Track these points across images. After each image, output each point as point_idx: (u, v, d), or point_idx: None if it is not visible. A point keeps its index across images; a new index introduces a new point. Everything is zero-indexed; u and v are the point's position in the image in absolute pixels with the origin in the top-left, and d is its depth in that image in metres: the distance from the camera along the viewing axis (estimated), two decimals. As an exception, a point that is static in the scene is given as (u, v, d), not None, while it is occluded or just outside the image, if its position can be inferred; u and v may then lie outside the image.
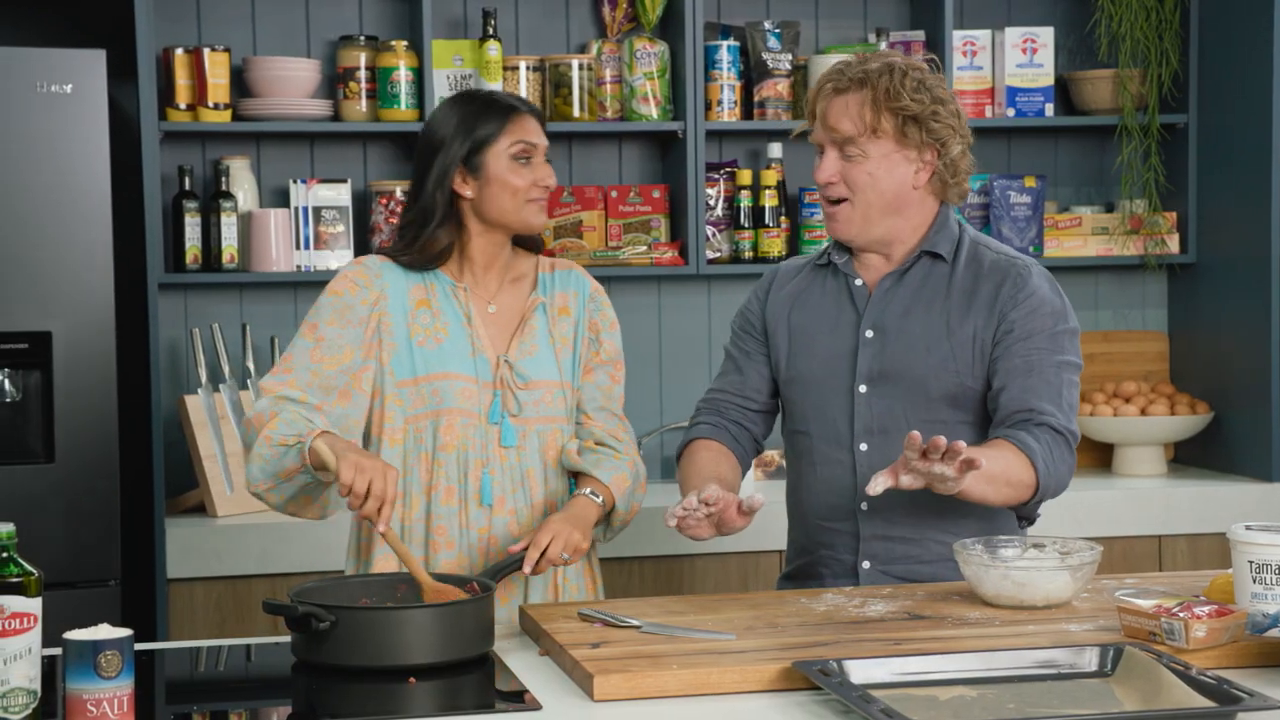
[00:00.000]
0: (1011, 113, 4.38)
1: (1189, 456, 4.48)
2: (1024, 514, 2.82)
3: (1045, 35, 4.39)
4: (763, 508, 2.65)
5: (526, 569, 2.65)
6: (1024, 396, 2.72)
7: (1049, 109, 4.40)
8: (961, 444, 2.46)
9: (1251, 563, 2.33)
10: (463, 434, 2.76)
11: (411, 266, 2.79)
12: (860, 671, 2.17)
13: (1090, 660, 2.22)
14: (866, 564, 2.79)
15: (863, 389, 2.80)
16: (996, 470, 2.60)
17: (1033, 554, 2.59)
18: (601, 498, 2.78)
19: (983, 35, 4.39)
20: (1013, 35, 4.37)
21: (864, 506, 2.80)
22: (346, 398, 2.73)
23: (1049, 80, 4.39)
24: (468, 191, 2.77)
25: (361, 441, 2.76)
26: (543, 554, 2.65)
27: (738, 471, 2.89)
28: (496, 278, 2.83)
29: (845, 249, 2.87)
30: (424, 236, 2.77)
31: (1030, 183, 4.38)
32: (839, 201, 2.79)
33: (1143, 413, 4.32)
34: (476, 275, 2.82)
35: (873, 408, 2.80)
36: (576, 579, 2.85)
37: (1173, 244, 4.44)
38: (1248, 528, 2.36)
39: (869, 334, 2.81)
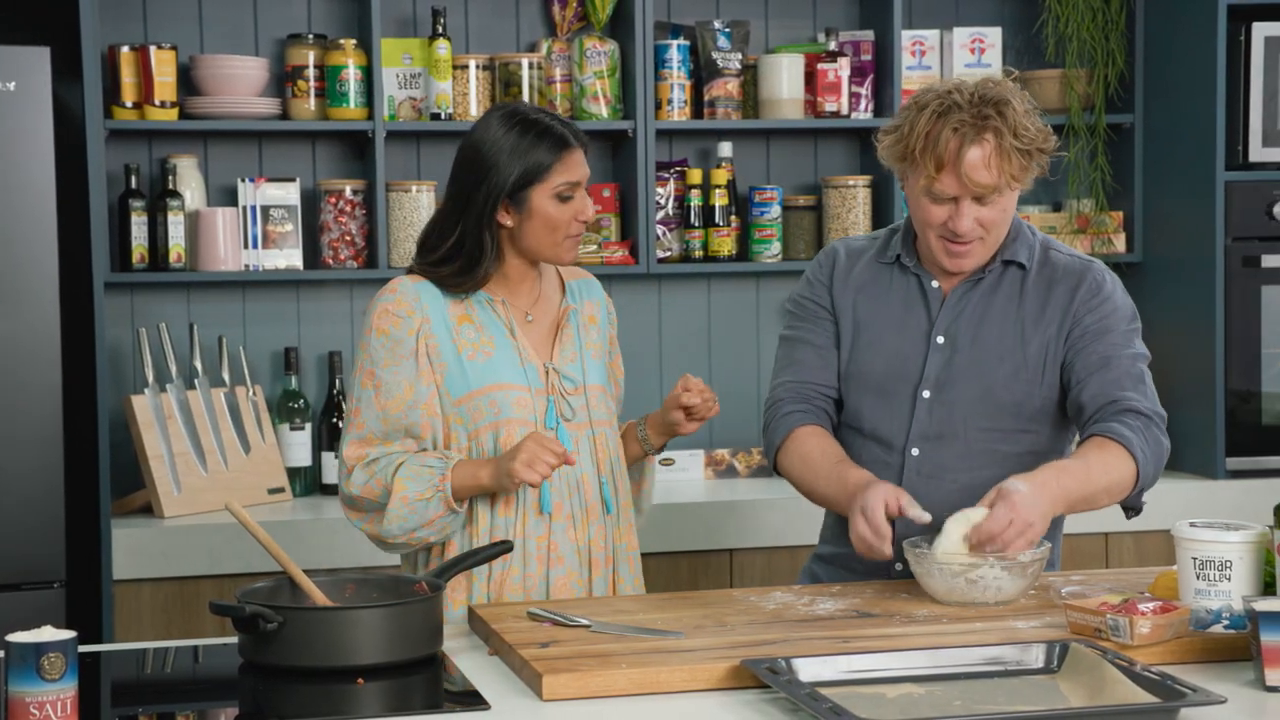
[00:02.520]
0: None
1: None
2: (1129, 504, 2.77)
3: (993, 35, 4.41)
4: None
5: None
6: (1106, 389, 2.72)
7: (997, 109, 4.41)
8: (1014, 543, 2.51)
9: (1195, 559, 2.35)
10: None
11: (458, 291, 2.79)
12: (808, 669, 2.17)
13: (1036, 657, 2.23)
14: (900, 565, 2.74)
15: (926, 394, 2.79)
16: (1066, 482, 2.61)
17: (975, 554, 2.60)
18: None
19: (931, 35, 4.41)
20: (961, 35, 4.39)
21: None
22: (429, 428, 2.76)
23: (997, 80, 4.41)
24: (507, 221, 2.76)
25: None
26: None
27: None
28: (530, 289, 2.84)
29: (914, 248, 2.84)
30: (478, 273, 2.77)
31: (978, 182, 4.39)
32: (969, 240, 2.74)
33: (1090, 411, 4.35)
34: (511, 288, 2.82)
35: (933, 414, 2.78)
36: (629, 579, 2.87)
37: (1119, 243, 4.47)
38: (1191, 525, 2.38)
39: (940, 340, 2.79)
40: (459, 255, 2.76)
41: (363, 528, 2.76)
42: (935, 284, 2.82)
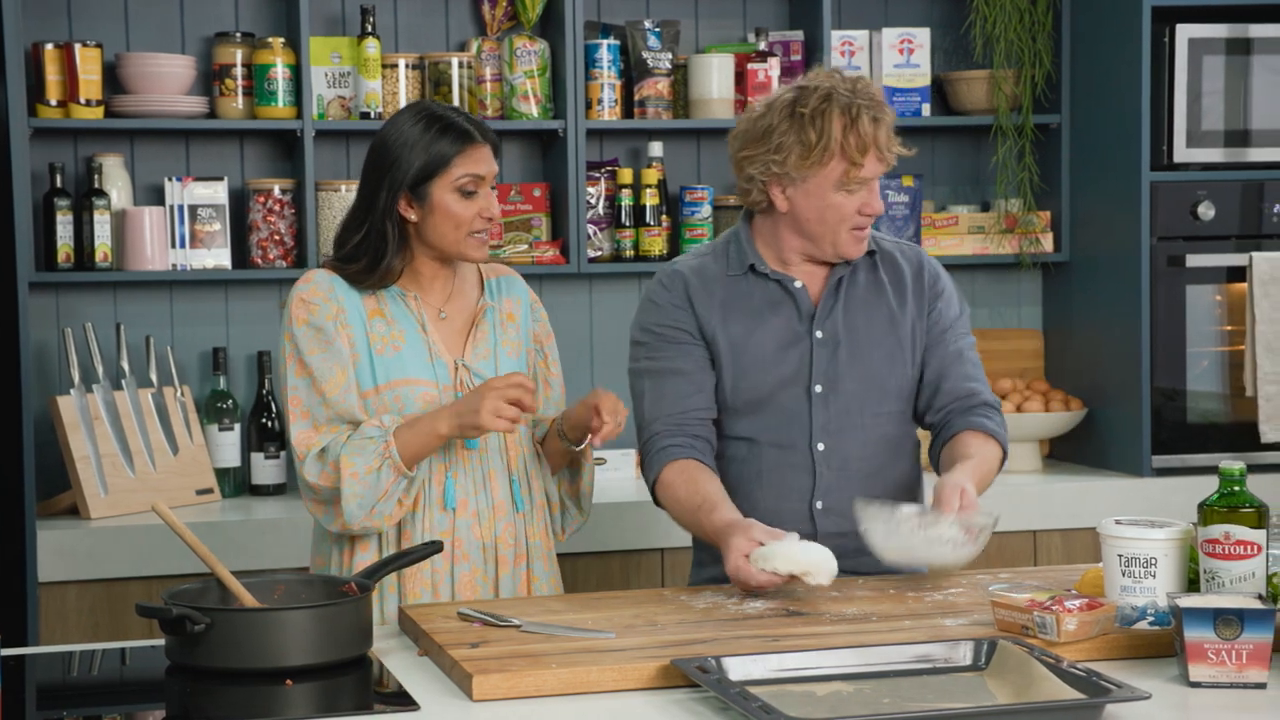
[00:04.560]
0: None
1: (1063, 452, 4.55)
2: None
3: (922, 36, 4.44)
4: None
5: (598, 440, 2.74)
6: (964, 383, 2.90)
7: (926, 109, 4.44)
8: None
9: (1120, 556, 2.38)
10: None
11: (368, 288, 2.80)
12: (738, 668, 2.18)
13: (964, 654, 2.25)
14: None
15: (818, 389, 2.84)
16: (980, 478, 2.79)
17: (933, 514, 2.61)
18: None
19: (860, 36, 4.43)
20: (890, 36, 4.42)
21: (820, 505, 2.83)
22: (363, 412, 2.75)
23: (925, 81, 4.44)
24: (412, 216, 2.77)
25: None
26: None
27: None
28: (443, 286, 2.85)
29: (761, 254, 2.87)
30: (381, 267, 2.78)
31: (908, 182, 4.42)
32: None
33: (1018, 409, 4.38)
34: (424, 285, 2.83)
35: (829, 408, 2.84)
36: (545, 578, 2.87)
37: (1047, 243, 4.50)
38: (1117, 522, 2.40)
39: (819, 335, 2.85)
40: (365, 251, 2.78)
41: (333, 525, 2.73)
42: (799, 284, 2.88)
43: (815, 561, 2.55)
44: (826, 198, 2.79)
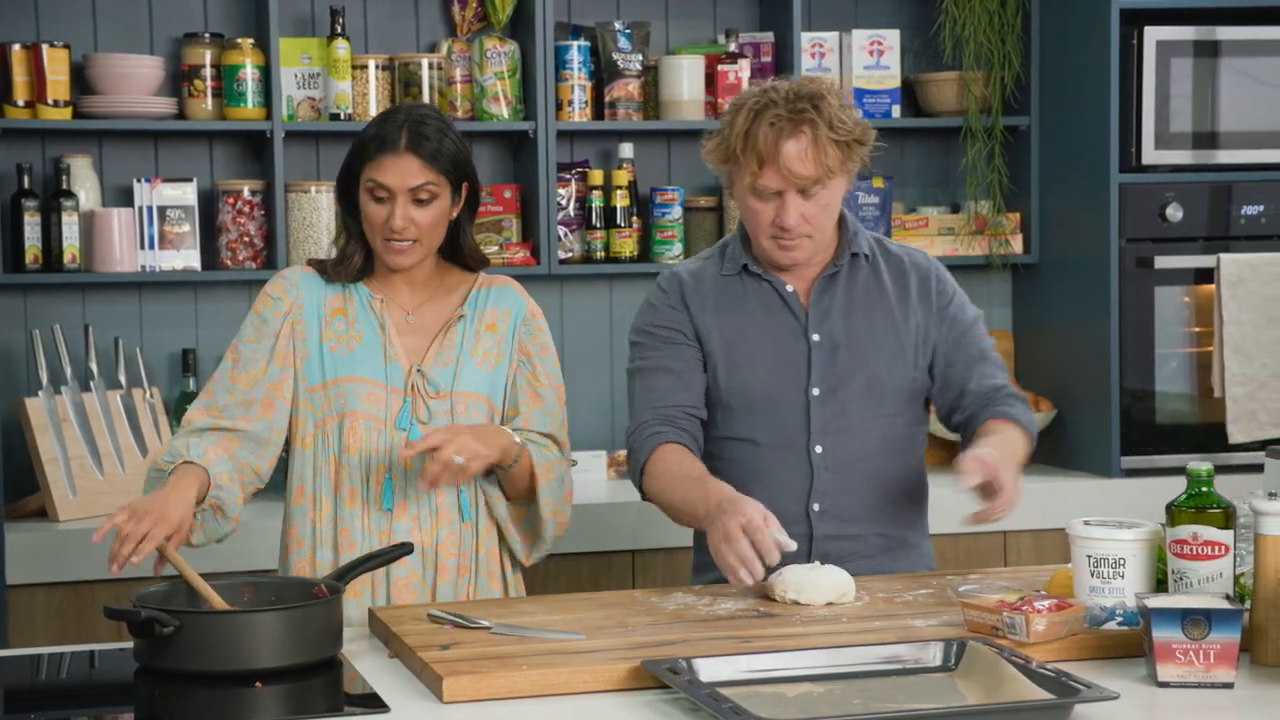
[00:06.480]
0: (859, 114, 4.41)
1: (1033, 453, 4.55)
2: None
3: (892, 38, 4.45)
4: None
5: (421, 484, 2.66)
6: (986, 381, 2.90)
7: (896, 110, 4.45)
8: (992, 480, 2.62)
9: (1089, 557, 2.39)
10: (365, 438, 2.77)
11: (335, 279, 2.83)
12: (708, 669, 2.18)
13: (934, 655, 2.25)
14: (818, 563, 2.78)
15: (816, 392, 2.83)
16: (1019, 459, 2.83)
17: None
18: (520, 445, 2.74)
19: (830, 37, 4.43)
20: (860, 38, 4.43)
21: (816, 508, 2.83)
22: (270, 408, 2.77)
23: (895, 82, 4.45)
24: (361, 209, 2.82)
25: (283, 448, 2.82)
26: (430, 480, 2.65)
27: None
28: (418, 292, 2.85)
29: (755, 254, 2.87)
30: (344, 254, 2.83)
31: (878, 183, 4.43)
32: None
33: (987, 410, 4.39)
34: (396, 288, 2.84)
35: (827, 410, 2.83)
36: (492, 595, 2.84)
37: (1016, 244, 4.52)
38: (1086, 523, 2.41)
39: (816, 338, 2.84)
40: (337, 240, 2.88)
41: None
42: (790, 288, 2.87)
43: (840, 585, 2.59)
44: (744, 200, 2.80)
